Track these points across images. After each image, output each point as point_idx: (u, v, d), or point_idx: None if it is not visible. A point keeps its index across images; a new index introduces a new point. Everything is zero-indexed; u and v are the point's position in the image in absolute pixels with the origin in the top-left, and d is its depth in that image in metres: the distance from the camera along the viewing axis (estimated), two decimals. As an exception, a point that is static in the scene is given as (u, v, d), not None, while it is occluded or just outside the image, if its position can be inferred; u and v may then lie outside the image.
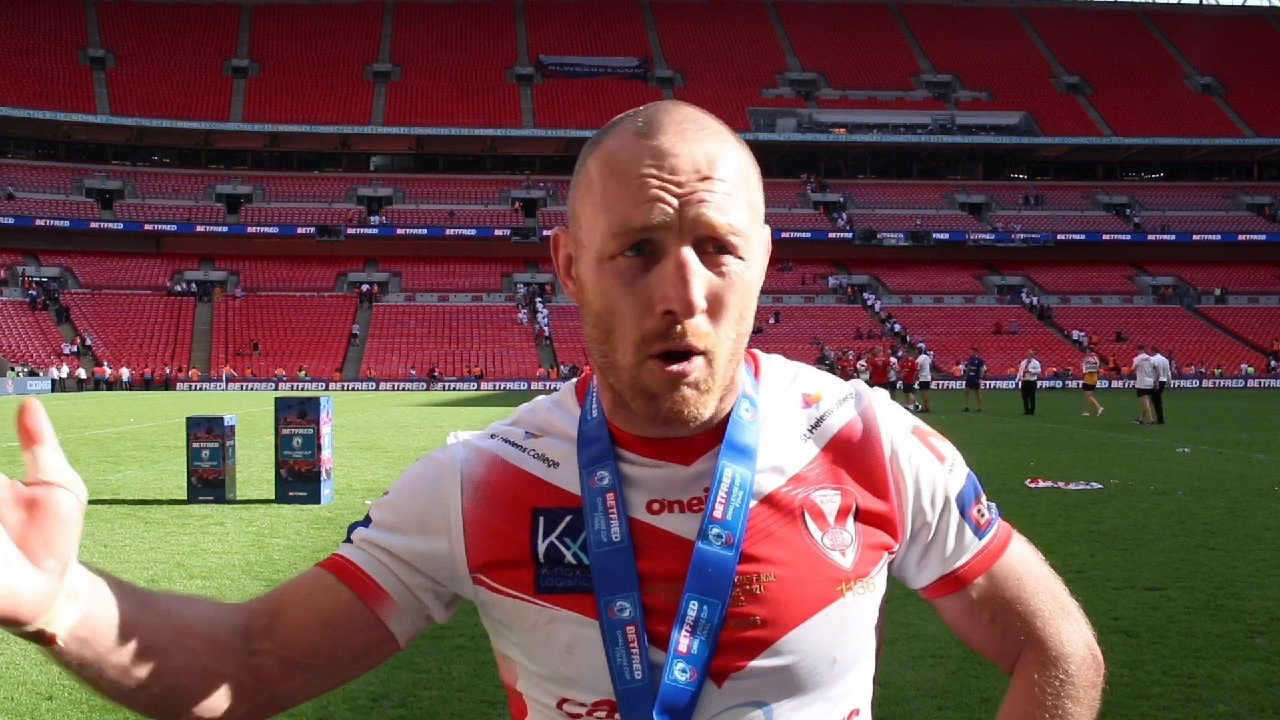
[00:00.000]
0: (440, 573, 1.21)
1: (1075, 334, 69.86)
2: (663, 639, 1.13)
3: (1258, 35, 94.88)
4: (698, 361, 1.11)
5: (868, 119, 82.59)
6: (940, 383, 51.32)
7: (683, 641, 1.13)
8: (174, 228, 74.61)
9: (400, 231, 76.47)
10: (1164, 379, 25.29)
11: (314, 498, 11.64)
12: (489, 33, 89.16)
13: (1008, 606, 1.26)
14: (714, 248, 1.10)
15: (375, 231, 76.65)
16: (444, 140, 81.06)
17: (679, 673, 1.13)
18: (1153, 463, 15.42)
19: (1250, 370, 65.56)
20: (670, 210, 1.09)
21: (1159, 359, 25.53)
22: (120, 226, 73.58)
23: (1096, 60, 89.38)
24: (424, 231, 76.35)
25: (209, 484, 11.77)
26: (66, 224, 72.42)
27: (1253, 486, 12.59)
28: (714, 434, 1.18)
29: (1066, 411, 31.08)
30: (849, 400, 1.24)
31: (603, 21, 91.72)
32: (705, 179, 1.10)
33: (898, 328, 70.41)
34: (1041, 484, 12.81)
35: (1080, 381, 31.34)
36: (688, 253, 1.09)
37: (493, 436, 1.25)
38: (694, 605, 1.13)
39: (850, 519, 1.19)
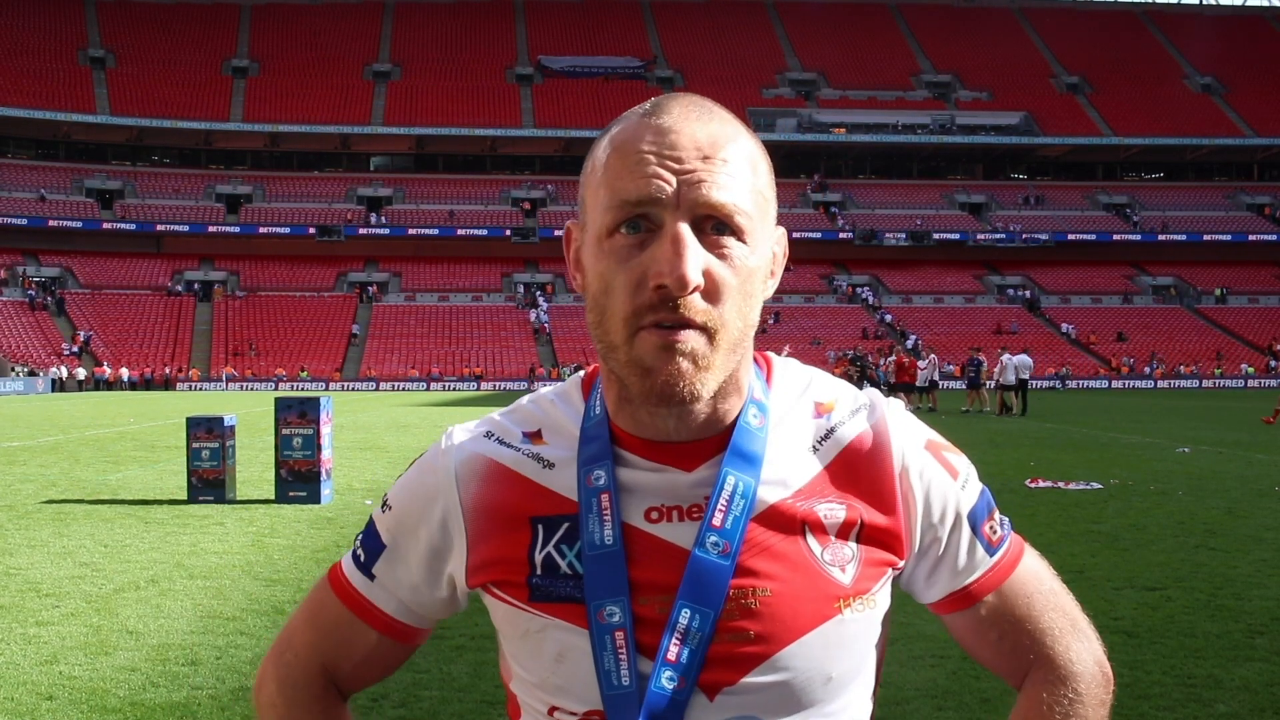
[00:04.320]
0: (449, 575, 1.23)
1: (1064, 326, 70.06)
2: (652, 650, 1.12)
3: (1258, 35, 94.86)
4: (693, 332, 1.07)
5: (868, 119, 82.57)
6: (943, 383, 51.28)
7: (672, 650, 1.11)
8: (174, 228, 74.60)
9: (400, 232, 76.47)
10: (1024, 376, 29.35)
11: (314, 498, 11.64)
12: (489, 33, 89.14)
13: (1017, 625, 1.24)
14: (714, 228, 1.08)
15: (375, 232, 76.66)
16: (444, 140, 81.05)
17: (666, 680, 1.11)
18: (1153, 463, 15.41)
19: (1250, 370, 65.56)
20: (668, 186, 1.07)
21: (1020, 358, 29.65)
22: (120, 226, 73.57)
23: (1096, 60, 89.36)
24: (424, 231, 76.35)
25: (209, 484, 11.77)
26: (66, 224, 72.42)
27: (1253, 486, 12.58)
28: (719, 440, 1.15)
29: (1066, 412, 31.13)
30: (862, 411, 1.21)
31: (603, 22, 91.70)
32: (707, 158, 1.08)
33: (888, 318, 70.48)
34: (1041, 484, 12.80)
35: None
36: (684, 228, 1.06)
37: (489, 435, 1.22)
38: (685, 613, 1.11)
39: (853, 535, 1.16)
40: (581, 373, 1.26)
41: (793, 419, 1.19)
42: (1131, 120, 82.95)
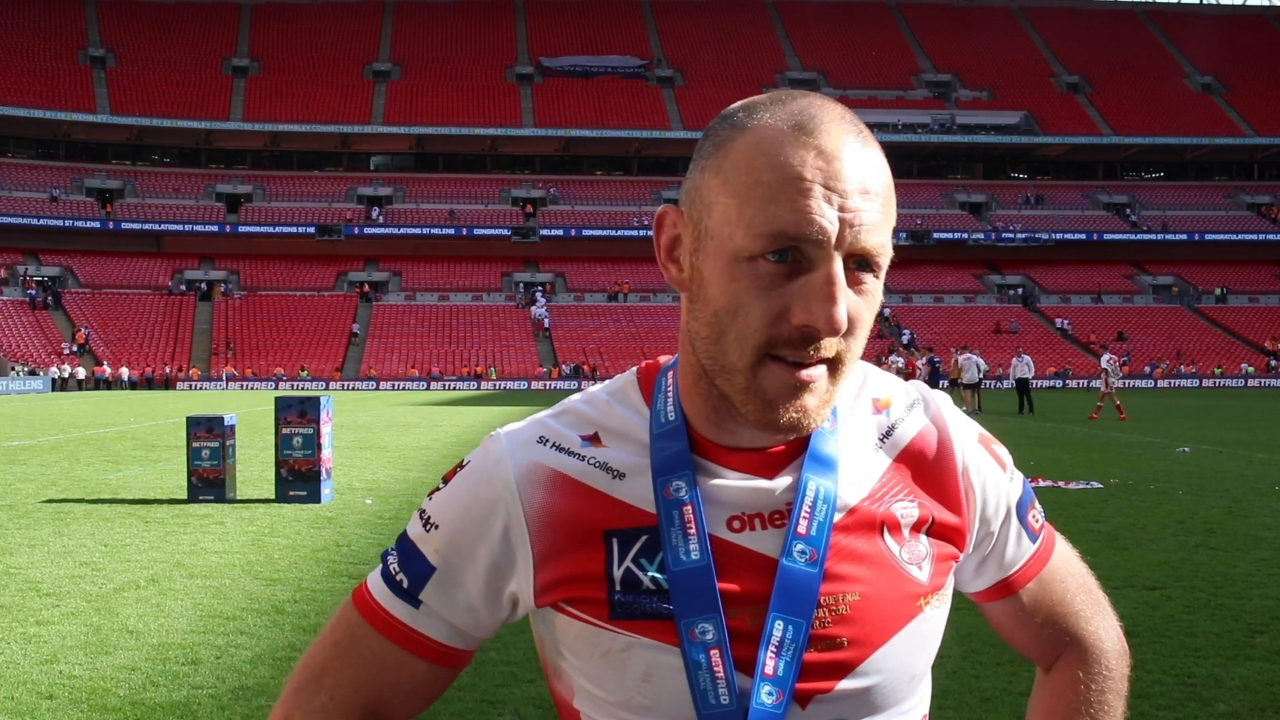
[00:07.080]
0: (510, 593, 1.16)
1: (1059, 322, 70.32)
2: (748, 664, 1.09)
3: (1258, 35, 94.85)
4: (822, 369, 1.05)
5: (868, 118, 78.52)
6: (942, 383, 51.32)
7: (769, 663, 1.08)
8: (174, 228, 74.62)
9: (400, 231, 76.46)
10: (1025, 375, 31.37)
11: (314, 497, 11.64)
12: (489, 33, 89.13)
13: (1054, 608, 1.28)
14: (857, 265, 1.05)
15: (375, 231, 76.67)
16: (444, 140, 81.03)
17: (766, 695, 1.08)
18: (1153, 462, 15.42)
19: (1250, 370, 65.56)
20: (831, 228, 1.02)
21: (980, 359, 31.86)
22: (120, 226, 73.58)
23: (1096, 60, 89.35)
24: (424, 231, 76.35)
25: (209, 483, 11.77)
26: (66, 224, 72.44)
27: (1253, 486, 12.59)
28: (797, 445, 1.14)
29: (1066, 412, 31.14)
30: (917, 406, 1.20)
31: (603, 21, 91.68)
32: (865, 192, 1.04)
33: (887, 313, 70.49)
34: (1041, 484, 12.79)
35: (948, 378, 34.77)
36: (839, 271, 1.03)
37: (542, 440, 1.16)
38: (779, 625, 1.09)
39: (924, 531, 1.16)
40: (634, 371, 1.21)
41: (855, 418, 1.18)
42: (1131, 120, 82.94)
